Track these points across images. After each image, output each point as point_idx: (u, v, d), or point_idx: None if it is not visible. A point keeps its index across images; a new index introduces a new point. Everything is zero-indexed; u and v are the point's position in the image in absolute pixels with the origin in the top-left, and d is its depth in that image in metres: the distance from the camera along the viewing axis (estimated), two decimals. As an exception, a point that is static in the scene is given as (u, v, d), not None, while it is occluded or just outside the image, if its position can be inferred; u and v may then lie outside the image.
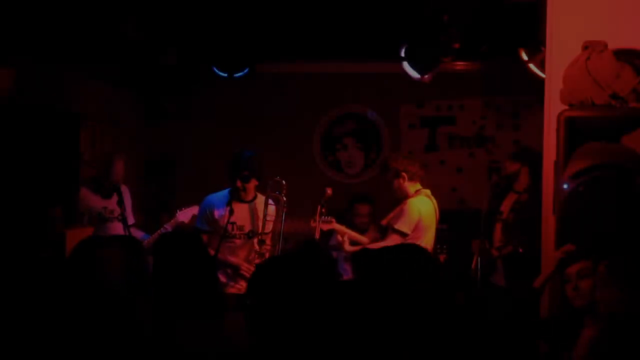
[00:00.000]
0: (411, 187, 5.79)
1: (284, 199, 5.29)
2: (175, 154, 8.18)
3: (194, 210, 5.73)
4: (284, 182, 5.32)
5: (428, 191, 5.87)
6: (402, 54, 6.20)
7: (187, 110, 8.11)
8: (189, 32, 7.03)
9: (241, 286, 5.41)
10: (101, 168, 5.90)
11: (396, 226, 5.64)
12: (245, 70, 7.06)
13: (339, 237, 6.07)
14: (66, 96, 6.37)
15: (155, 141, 8.21)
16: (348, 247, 5.98)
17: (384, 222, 5.94)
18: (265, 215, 5.36)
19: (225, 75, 7.02)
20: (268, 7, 6.38)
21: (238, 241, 5.40)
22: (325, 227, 5.96)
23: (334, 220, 6.01)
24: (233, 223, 5.34)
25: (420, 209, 5.67)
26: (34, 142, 5.09)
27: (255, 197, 5.47)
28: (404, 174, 5.74)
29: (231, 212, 5.26)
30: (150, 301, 3.20)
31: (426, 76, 6.26)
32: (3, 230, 4.72)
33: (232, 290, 5.39)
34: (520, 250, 5.75)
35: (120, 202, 5.57)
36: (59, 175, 5.18)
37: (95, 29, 5.61)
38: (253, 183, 5.38)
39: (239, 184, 5.31)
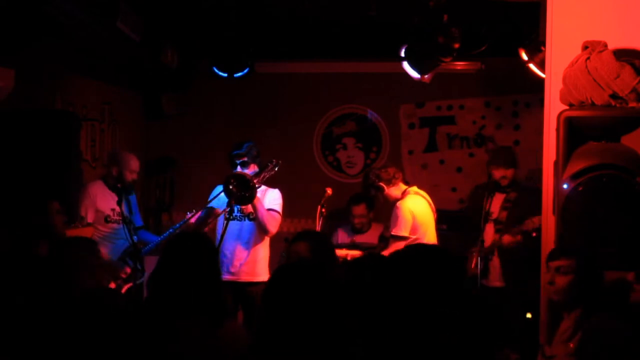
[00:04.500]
0: (395, 191, 5.84)
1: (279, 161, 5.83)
2: (175, 153, 8.18)
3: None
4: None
5: (414, 188, 5.90)
6: (402, 54, 6.18)
7: (187, 110, 8.10)
8: (189, 32, 7.03)
9: (238, 274, 5.80)
10: (116, 166, 5.97)
11: (393, 232, 5.73)
12: (245, 70, 7.05)
13: None
14: (66, 96, 6.37)
15: (155, 141, 8.21)
16: None
17: (387, 234, 5.96)
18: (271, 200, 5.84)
19: (225, 75, 7.01)
20: (268, 7, 6.38)
21: (238, 222, 5.84)
22: None
23: None
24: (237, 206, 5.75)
25: (412, 208, 5.70)
26: (34, 142, 5.07)
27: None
28: (380, 184, 5.82)
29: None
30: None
31: (426, 76, 6.25)
32: (3, 230, 4.71)
33: (228, 278, 5.74)
34: (530, 229, 5.73)
35: (124, 203, 5.65)
36: (59, 175, 5.17)
37: (95, 28, 5.60)
38: (252, 169, 5.80)
39: (239, 169, 5.76)
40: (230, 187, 5.55)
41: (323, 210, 5.91)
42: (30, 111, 5.41)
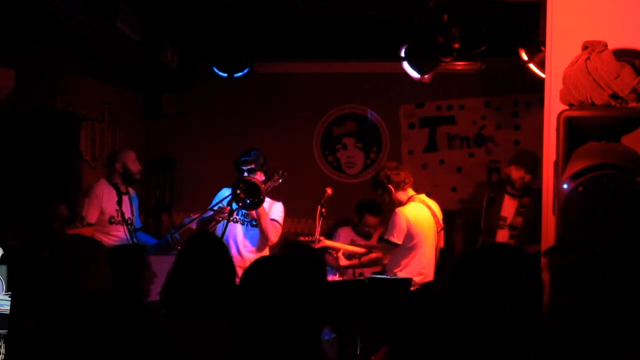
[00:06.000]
0: (402, 195, 5.81)
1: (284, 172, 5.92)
2: (175, 153, 8.18)
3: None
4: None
5: (422, 196, 5.87)
6: (402, 54, 6.19)
7: (187, 110, 8.10)
8: (189, 32, 7.04)
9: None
10: (119, 161, 6.01)
11: (385, 236, 5.75)
12: (245, 70, 7.06)
13: (334, 253, 6.07)
14: (66, 96, 6.37)
15: (155, 141, 8.21)
16: (344, 262, 6.00)
17: (385, 235, 5.94)
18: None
19: (225, 75, 7.01)
20: (268, 7, 6.38)
21: (241, 226, 5.92)
22: (316, 246, 5.89)
23: (323, 239, 6.00)
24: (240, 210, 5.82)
25: (408, 216, 5.66)
26: (34, 142, 5.08)
27: None
28: (389, 186, 5.79)
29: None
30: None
31: (426, 76, 6.25)
32: (3, 230, 4.71)
33: None
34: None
35: (125, 204, 5.66)
36: (59, 175, 5.17)
37: (95, 28, 5.61)
38: (258, 176, 5.78)
39: (246, 176, 5.74)
40: (238, 191, 5.55)
41: (323, 210, 5.91)
42: (30, 111, 5.42)
